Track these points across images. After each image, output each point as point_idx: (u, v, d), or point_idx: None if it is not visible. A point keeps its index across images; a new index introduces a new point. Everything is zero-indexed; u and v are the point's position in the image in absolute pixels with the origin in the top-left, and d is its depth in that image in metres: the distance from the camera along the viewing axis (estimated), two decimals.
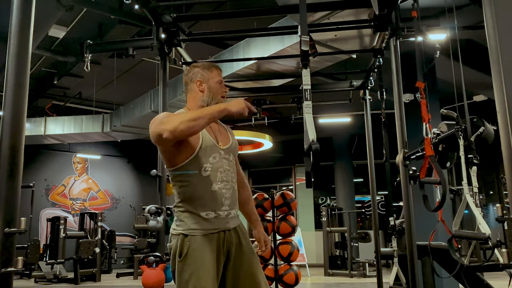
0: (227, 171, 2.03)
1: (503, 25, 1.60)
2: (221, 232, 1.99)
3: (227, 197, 2.01)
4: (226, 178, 2.02)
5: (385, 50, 3.61)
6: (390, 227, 3.80)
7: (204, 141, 1.98)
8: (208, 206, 1.96)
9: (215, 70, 2.15)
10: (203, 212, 1.96)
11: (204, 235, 1.94)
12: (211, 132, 2.06)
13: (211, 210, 1.96)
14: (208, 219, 1.96)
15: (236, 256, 2.02)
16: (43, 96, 9.86)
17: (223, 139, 2.10)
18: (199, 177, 1.96)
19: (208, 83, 2.11)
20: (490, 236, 2.10)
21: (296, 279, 4.73)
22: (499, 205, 3.30)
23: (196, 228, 1.94)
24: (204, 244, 1.92)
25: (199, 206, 1.96)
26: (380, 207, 11.29)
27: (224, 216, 1.99)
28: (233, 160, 2.11)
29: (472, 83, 7.28)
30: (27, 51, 1.85)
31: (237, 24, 5.29)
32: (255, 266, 2.04)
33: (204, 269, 1.88)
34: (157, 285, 2.79)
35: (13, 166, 1.72)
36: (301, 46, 1.95)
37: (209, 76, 2.12)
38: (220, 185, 1.99)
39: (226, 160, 2.05)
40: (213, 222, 1.97)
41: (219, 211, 1.98)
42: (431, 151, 2.45)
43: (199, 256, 1.90)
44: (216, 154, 2.01)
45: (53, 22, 5.99)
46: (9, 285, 1.64)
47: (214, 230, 1.96)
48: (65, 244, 8.72)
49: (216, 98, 2.10)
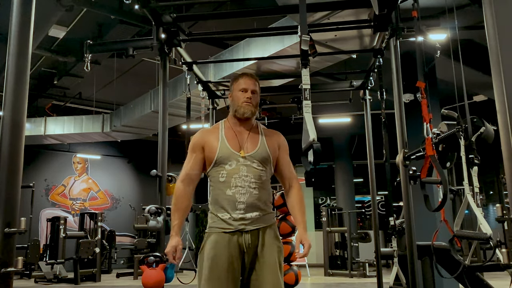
0: (243, 176, 2.14)
1: (503, 25, 1.60)
2: (238, 232, 2.11)
3: (241, 202, 2.12)
4: (242, 183, 2.13)
5: (385, 50, 3.61)
6: (390, 227, 3.80)
7: (221, 151, 2.18)
8: (224, 208, 2.15)
9: (241, 79, 2.29)
10: (220, 214, 2.16)
11: (219, 233, 2.13)
12: (235, 139, 2.22)
13: (226, 213, 2.14)
14: (224, 220, 2.14)
15: (253, 257, 2.13)
16: (43, 96, 9.86)
17: (250, 145, 2.21)
18: (217, 182, 2.18)
19: (233, 93, 2.30)
20: (491, 236, 2.10)
21: (296, 279, 4.72)
22: (499, 205, 3.31)
23: (213, 227, 2.17)
24: (219, 240, 2.12)
25: (218, 208, 2.17)
26: (380, 207, 11.29)
27: (238, 219, 2.12)
28: (260, 166, 2.18)
29: (472, 83, 7.28)
30: (27, 51, 1.85)
31: (237, 24, 5.28)
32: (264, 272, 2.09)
33: (215, 262, 2.08)
34: (157, 285, 2.78)
35: (13, 166, 1.72)
36: (301, 46, 1.96)
37: (234, 86, 2.30)
38: (234, 190, 2.13)
39: (246, 166, 2.16)
40: (228, 223, 2.13)
41: (233, 214, 2.13)
42: (432, 151, 2.45)
43: (213, 251, 2.11)
44: (233, 162, 2.16)
45: (53, 22, 5.99)
46: (9, 285, 1.64)
47: (228, 229, 2.12)
48: (65, 244, 8.71)
49: (236, 106, 2.25)
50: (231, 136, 2.22)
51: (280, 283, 2.10)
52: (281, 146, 2.31)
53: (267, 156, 2.21)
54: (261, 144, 2.23)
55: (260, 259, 2.11)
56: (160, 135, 3.30)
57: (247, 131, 2.26)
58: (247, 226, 2.12)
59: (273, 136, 2.31)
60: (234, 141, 2.21)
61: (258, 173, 2.17)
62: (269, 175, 2.25)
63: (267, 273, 2.09)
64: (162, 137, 3.28)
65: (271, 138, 2.28)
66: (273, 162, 2.26)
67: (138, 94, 8.88)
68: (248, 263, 2.12)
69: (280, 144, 2.31)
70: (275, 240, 2.17)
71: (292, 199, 2.31)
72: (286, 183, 2.33)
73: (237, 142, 2.21)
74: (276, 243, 2.18)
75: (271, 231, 2.18)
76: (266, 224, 2.17)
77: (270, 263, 2.11)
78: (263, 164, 2.19)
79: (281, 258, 2.18)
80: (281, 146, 2.31)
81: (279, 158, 2.29)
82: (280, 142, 2.32)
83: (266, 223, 2.17)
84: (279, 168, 2.31)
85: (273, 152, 2.25)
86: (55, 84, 8.84)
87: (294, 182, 2.34)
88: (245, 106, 2.22)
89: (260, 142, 2.24)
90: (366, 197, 12.75)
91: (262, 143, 2.24)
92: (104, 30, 6.96)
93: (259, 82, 2.34)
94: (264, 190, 2.19)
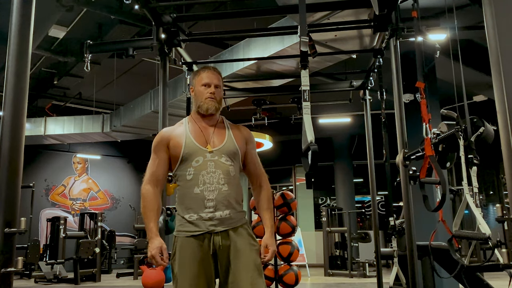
0: (212, 173, 2.05)
1: (503, 25, 1.60)
2: (207, 234, 2.01)
3: (210, 199, 2.02)
4: (210, 180, 2.04)
5: (385, 50, 3.61)
6: (390, 227, 3.80)
7: (186, 147, 2.09)
8: (191, 208, 2.04)
9: (203, 73, 2.20)
10: (187, 215, 2.05)
11: (187, 237, 2.03)
12: (201, 135, 2.12)
13: (193, 213, 2.04)
14: (191, 222, 2.04)
15: (226, 260, 2.02)
16: (43, 96, 9.86)
17: (216, 140, 2.12)
18: (184, 181, 2.08)
19: (195, 88, 2.21)
20: (490, 236, 2.10)
21: (296, 279, 4.73)
22: (499, 205, 3.30)
23: (180, 230, 2.07)
24: (186, 245, 2.02)
25: (185, 209, 2.06)
26: (380, 207, 11.28)
27: (207, 219, 2.02)
28: (228, 161, 2.10)
29: (472, 83, 7.28)
30: (27, 51, 1.85)
31: (237, 24, 5.29)
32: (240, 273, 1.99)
33: (185, 270, 1.99)
34: (157, 285, 2.78)
35: (13, 166, 1.72)
36: (300, 47, 1.96)
37: (196, 81, 2.21)
38: (202, 188, 2.03)
39: (214, 161, 2.06)
40: (196, 225, 2.03)
41: (201, 213, 2.02)
42: (431, 151, 2.45)
43: (182, 257, 2.02)
44: (200, 158, 2.07)
45: (53, 22, 5.99)
46: (9, 285, 1.64)
47: (196, 232, 2.02)
48: (65, 244, 8.71)
49: (200, 101, 2.17)
50: (197, 132, 2.13)
51: (259, 282, 2.00)
52: (248, 141, 2.23)
53: (235, 150, 2.13)
54: (228, 138, 2.15)
55: (234, 260, 2.01)
56: None
57: (213, 126, 2.17)
58: (216, 227, 2.01)
59: (240, 130, 2.23)
60: (200, 136, 2.12)
61: (227, 168, 2.07)
62: (238, 171, 2.16)
63: (244, 274, 1.98)
64: None
65: (238, 133, 2.20)
66: (242, 157, 2.17)
67: (138, 94, 8.88)
68: (222, 266, 2.02)
69: (247, 139, 2.23)
70: (249, 240, 2.07)
71: (261, 199, 2.23)
72: (254, 181, 2.25)
73: (203, 137, 2.12)
74: (251, 242, 2.07)
75: (243, 230, 2.07)
76: (237, 224, 2.06)
77: (246, 263, 2.00)
78: (232, 158, 2.11)
79: (257, 257, 2.06)
80: (248, 141, 2.23)
81: (246, 153, 2.21)
82: (247, 136, 2.23)
83: (236, 223, 2.06)
84: (247, 164, 2.22)
85: (241, 146, 2.17)
86: (55, 84, 8.84)
87: (263, 180, 2.25)
88: (208, 102, 2.14)
89: (227, 136, 2.16)
90: (366, 197, 12.75)
91: (229, 137, 2.16)
92: (104, 30, 6.96)
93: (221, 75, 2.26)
94: (234, 186, 2.08)
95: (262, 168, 2.27)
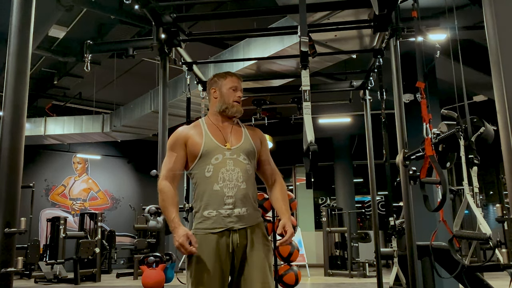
0: (231, 170, 2.09)
1: (503, 25, 1.60)
2: (225, 231, 2.05)
3: (230, 196, 2.06)
4: (229, 177, 2.08)
5: (385, 50, 3.61)
6: (390, 227, 3.79)
7: (206, 145, 2.12)
8: (210, 205, 2.07)
9: (229, 77, 2.27)
10: (206, 211, 2.08)
11: (206, 235, 2.06)
12: (219, 133, 2.18)
13: (212, 209, 2.06)
14: (210, 218, 2.07)
15: (242, 258, 2.08)
16: (43, 96, 9.86)
17: (234, 139, 2.18)
18: (203, 178, 2.11)
19: (221, 90, 2.25)
20: (491, 236, 2.10)
21: (296, 279, 4.72)
22: (499, 205, 3.31)
23: (199, 228, 2.09)
24: (205, 242, 2.04)
25: (203, 206, 2.09)
26: (380, 207, 11.28)
27: (226, 215, 2.05)
28: (246, 160, 2.15)
29: (472, 83, 7.28)
30: (27, 51, 1.85)
31: (237, 24, 5.28)
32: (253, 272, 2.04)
33: (203, 267, 2.01)
34: (157, 285, 2.78)
35: (13, 166, 1.72)
36: (300, 47, 1.96)
37: (222, 83, 2.26)
38: (222, 184, 2.07)
39: (233, 160, 2.11)
40: (215, 221, 2.06)
41: (220, 210, 2.06)
42: (431, 151, 2.45)
43: (199, 255, 2.02)
44: (219, 155, 2.11)
45: (53, 22, 5.99)
46: (9, 285, 1.64)
47: (214, 230, 2.05)
48: (65, 244, 8.71)
49: (227, 103, 2.22)
50: (215, 131, 2.19)
51: (269, 282, 2.06)
52: (263, 141, 2.30)
53: (252, 149, 2.20)
54: (245, 137, 2.21)
55: (248, 259, 2.06)
56: (160, 135, 3.30)
57: (230, 126, 2.25)
58: (235, 224, 2.06)
59: (255, 131, 2.31)
60: (218, 135, 2.18)
61: (245, 167, 2.13)
62: (254, 170, 2.22)
63: (256, 273, 2.04)
64: (162, 137, 3.28)
65: (253, 133, 2.27)
66: (257, 156, 2.24)
67: (138, 94, 8.88)
68: (237, 264, 2.07)
69: (262, 139, 2.30)
70: (263, 240, 2.13)
71: (276, 192, 2.28)
72: (269, 179, 2.31)
73: (222, 135, 2.18)
74: (265, 242, 2.14)
75: (259, 230, 2.14)
76: (254, 223, 2.13)
77: (259, 263, 2.07)
78: (249, 157, 2.17)
79: (270, 258, 2.14)
80: (263, 141, 2.30)
81: (261, 153, 2.27)
82: (261, 137, 2.31)
83: (254, 221, 2.13)
84: (262, 162, 2.29)
85: (257, 145, 2.24)
86: (55, 84, 8.85)
87: (278, 176, 2.32)
88: (237, 106, 2.23)
89: (244, 135, 2.22)
90: (366, 197, 12.75)
91: (246, 136, 2.22)
92: (104, 30, 6.96)
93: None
94: (251, 184, 2.15)
95: (276, 167, 2.35)
